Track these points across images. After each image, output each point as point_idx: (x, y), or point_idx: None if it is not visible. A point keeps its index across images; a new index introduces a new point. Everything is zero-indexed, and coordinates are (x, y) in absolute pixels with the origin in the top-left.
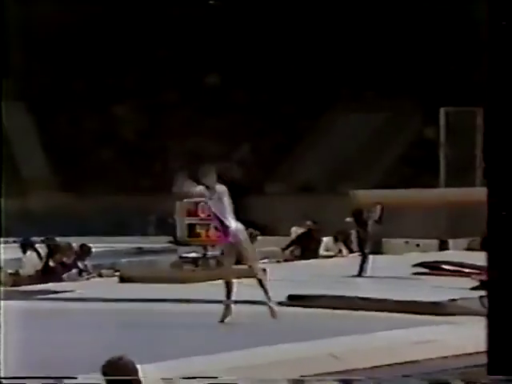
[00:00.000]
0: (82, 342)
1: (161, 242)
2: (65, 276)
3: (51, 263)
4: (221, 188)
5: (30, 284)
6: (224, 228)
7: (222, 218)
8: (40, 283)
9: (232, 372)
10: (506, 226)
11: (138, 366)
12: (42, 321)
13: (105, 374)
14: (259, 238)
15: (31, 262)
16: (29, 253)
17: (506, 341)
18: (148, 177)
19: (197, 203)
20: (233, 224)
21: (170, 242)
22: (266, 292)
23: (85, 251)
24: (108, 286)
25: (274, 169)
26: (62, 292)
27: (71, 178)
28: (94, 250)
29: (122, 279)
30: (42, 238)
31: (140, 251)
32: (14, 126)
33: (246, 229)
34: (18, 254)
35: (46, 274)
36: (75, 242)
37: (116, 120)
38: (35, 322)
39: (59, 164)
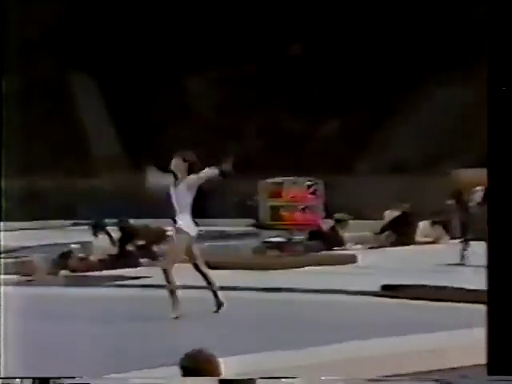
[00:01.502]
0: (161, 332)
1: (241, 225)
2: (142, 261)
3: (126, 247)
4: (189, 180)
5: (102, 269)
6: (173, 221)
7: (175, 211)
8: (114, 268)
9: (316, 368)
10: (506, 225)
11: (219, 360)
12: (121, 308)
13: (183, 367)
14: (350, 222)
15: (103, 245)
16: (100, 236)
17: (506, 341)
18: (225, 155)
19: (281, 183)
20: (180, 222)
21: (252, 226)
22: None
23: (160, 235)
24: (187, 271)
25: (363, 146)
26: (139, 278)
27: (144, 156)
28: (169, 233)
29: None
30: (115, 221)
31: (219, 235)
32: (84, 103)
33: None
34: (89, 237)
35: (121, 258)
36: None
37: (191, 94)
38: (113, 309)
39: (131, 142)
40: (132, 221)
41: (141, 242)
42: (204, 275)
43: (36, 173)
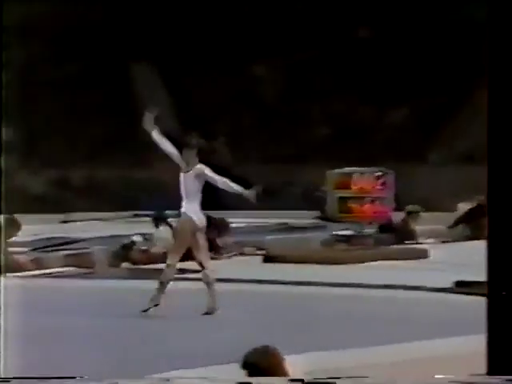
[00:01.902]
0: (217, 328)
1: (307, 217)
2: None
3: None
4: (197, 170)
5: (164, 262)
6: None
7: (182, 198)
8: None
9: (388, 367)
10: (507, 225)
11: (285, 357)
12: (182, 301)
13: (247, 364)
14: (422, 214)
15: (165, 237)
16: (162, 228)
17: (505, 341)
18: (291, 144)
19: (350, 174)
20: (185, 207)
21: (318, 218)
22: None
23: (223, 227)
24: (251, 265)
25: (436, 135)
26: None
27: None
28: (233, 225)
29: (267, 258)
30: (177, 212)
31: (285, 227)
32: (144, 91)
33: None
34: (151, 228)
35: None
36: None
37: (254, 81)
38: (176, 303)
39: (192, 130)
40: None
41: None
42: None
43: (97, 163)
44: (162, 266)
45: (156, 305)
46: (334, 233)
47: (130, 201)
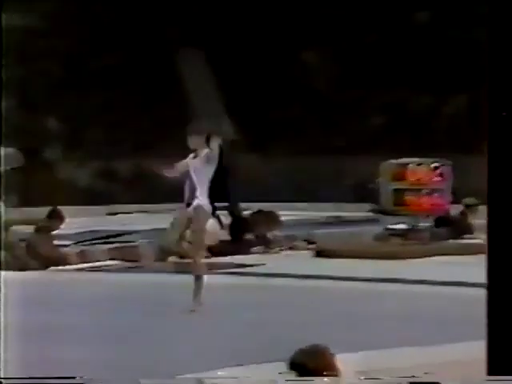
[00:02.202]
0: (267, 323)
1: (360, 210)
2: (254, 248)
3: (238, 233)
4: (205, 152)
5: (212, 256)
6: (188, 199)
7: (195, 189)
8: (224, 255)
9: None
10: (508, 224)
11: (336, 356)
12: (229, 297)
13: (294, 365)
14: (481, 207)
15: (213, 231)
16: (210, 221)
17: (505, 341)
18: (344, 134)
19: (406, 165)
20: (201, 199)
21: (372, 211)
22: (198, 293)
23: (273, 220)
24: (301, 260)
25: None
26: (251, 266)
27: (254, 136)
28: (283, 218)
29: (318, 253)
30: (225, 205)
31: (337, 221)
32: (193, 79)
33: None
34: None
35: (232, 244)
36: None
37: (306, 69)
38: (225, 297)
39: (240, 120)
40: (244, 205)
41: (253, 228)
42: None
43: (144, 153)
44: (209, 260)
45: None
46: (387, 227)
47: (177, 192)
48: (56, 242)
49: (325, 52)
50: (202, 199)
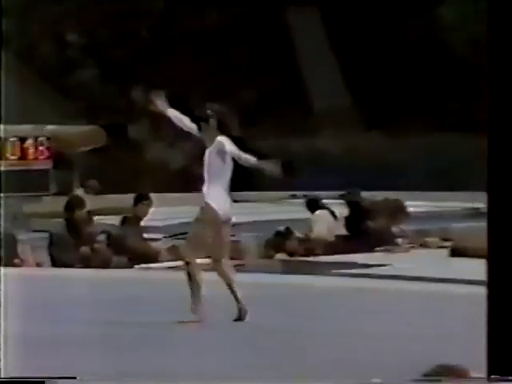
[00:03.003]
0: (392, 335)
1: None
2: (376, 245)
3: (357, 226)
4: (218, 144)
5: (326, 254)
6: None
7: (204, 180)
8: (341, 253)
9: None
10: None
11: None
12: (346, 302)
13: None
14: None
15: (327, 224)
16: (319, 211)
17: (506, 341)
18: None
19: None
20: (209, 195)
21: None
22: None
23: (399, 211)
24: (434, 260)
25: None
26: (372, 266)
27: (376, 111)
28: (411, 209)
29: (454, 252)
30: (342, 193)
31: (475, 213)
32: (303, 43)
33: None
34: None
35: (350, 240)
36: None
37: (443, 27)
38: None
39: (360, 93)
40: (364, 193)
41: (375, 220)
42: (224, 276)
43: (248, 131)
44: (323, 258)
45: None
46: None
47: (285, 178)
48: (145, 235)
49: (466, 7)
50: (210, 195)
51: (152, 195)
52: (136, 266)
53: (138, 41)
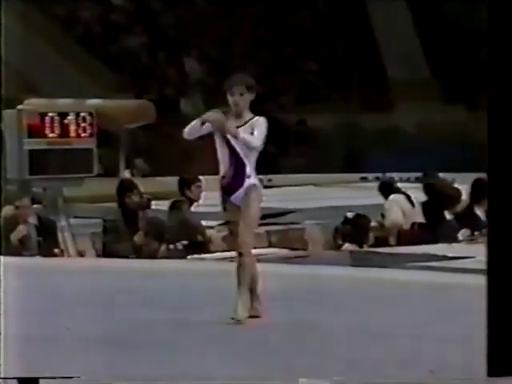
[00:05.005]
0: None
1: None
2: (459, 234)
3: (437, 213)
4: (256, 122)
5: (400, 244)
6: (236, 178)
7: (245, 162)
8: (418, 243)
9: None
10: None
11: None
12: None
13: None
14: None
15: (400, 209)
16: (394, 196)
17: (506, 341)
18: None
19: None
20: (253, 178)
21: None
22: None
23: (456, 199)
24: None
25: None
26: (454, 258)
27: (457, 83)
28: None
29: None
30: (419, 175)
31: None
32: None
33: None
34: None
35: (430, 229)
36: (469, 179)
37: None
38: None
39: (443, 64)
40: (444, 175)
41: (458, 207)
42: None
43: (310, 107)
44: (398, 249)
45: (253, 316)
46: None
47: (355, 158)
48: (197, 222)
49: None
50: (253, 177)
51: (205, 178)
52: (189, 257)
53: (191, 5)
